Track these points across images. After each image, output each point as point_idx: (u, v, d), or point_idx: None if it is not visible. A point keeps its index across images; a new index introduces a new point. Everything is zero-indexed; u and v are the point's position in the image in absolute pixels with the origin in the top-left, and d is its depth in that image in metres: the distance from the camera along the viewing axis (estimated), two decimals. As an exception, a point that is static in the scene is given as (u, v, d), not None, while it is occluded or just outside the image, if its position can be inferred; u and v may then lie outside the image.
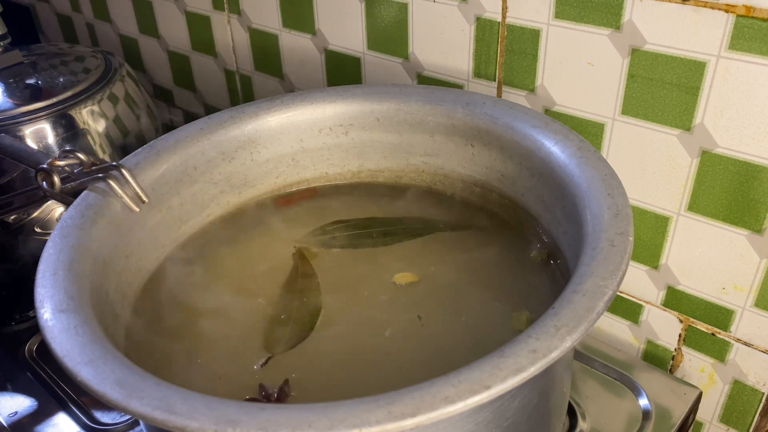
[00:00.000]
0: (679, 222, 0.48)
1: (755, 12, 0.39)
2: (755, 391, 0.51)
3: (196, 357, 0.39)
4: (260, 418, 0.26)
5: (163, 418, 0.26)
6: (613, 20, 0.45)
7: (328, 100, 0.50)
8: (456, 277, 0.44)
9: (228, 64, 0.75)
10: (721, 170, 0.45)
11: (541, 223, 0.44)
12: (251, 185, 0.51)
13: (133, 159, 0.44)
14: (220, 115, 0.49)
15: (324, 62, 0.64)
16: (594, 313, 0.30)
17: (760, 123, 0.42)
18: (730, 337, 0.50)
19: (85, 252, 0.37)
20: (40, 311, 0.32)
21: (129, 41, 0.86)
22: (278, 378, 0.37)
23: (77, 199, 0.40)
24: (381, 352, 0.39)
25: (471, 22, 0.51)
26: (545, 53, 0.49)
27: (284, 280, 0.44)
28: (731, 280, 0.48)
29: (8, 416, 0.51)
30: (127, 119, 0.69)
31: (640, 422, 0.48)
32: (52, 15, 0.97)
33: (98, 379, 0.28)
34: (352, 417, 0.26)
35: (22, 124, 0.61)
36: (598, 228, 0.34)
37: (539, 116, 0.44)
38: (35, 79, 0.68)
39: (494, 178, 0.47)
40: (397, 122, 0.49)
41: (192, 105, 0.84)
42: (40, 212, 0.62)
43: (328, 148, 0.51)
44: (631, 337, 0.56)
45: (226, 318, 0.42)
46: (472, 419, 0.31)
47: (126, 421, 0.50)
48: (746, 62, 0.41)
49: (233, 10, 0.69)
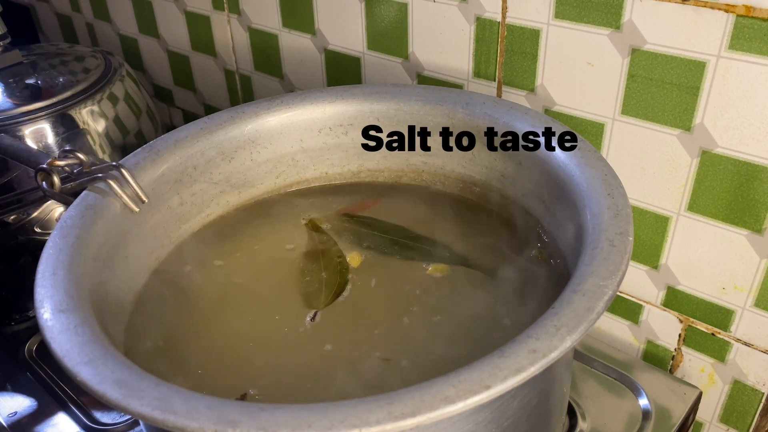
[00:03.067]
0: (679, 222, 0.48)
1: (755, 12, 0.39)
2: (755, 391, 0.51)
3: (206, 354, 0.39)
4: (260, 418, 0.26)
5: (163, 418, 0.26)
6: (613, 20, 0.45)
7: (328, 100, 0.50)
8: (455, 277, 0.44)
9: (228, 64, 0.75)
10: (721, 170, 0.45)
11: (541, 223, 0.44)
12: (251, 185, 0.51)
13: (133, 159, 0.44)
14: (219, 115, 0.49)
15: (324, 62, 0.64)
16: (594, 313, 0.30)
17: (760, 123, 0.42)
18: (730, 337, 0.50)
19: (85, 252, 0.37)
20: (40, 311, 0.32)
21: (129, 41, 0.86)
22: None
23: (77, 199, 0.40)
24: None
25: (471, 22, 0.51)
26: (545, 53, 0.49)
27: (303, 252, 0.46)
28: (731, 280, 0.48)
29: (8, 416, 0.51)
30: (126, 119, 0.69)
31: (640, 422, 0.48)
32: (51, 15, 0.97)
33: (98, 379, 0.28)
34: (352, 417, 0.26)
35: (22, 124, 0.61)
36: (598, 228, 0.34)
37: (539, 116, 0.44)
38: (35, 79, 0.68)
39: (494, 178, 0.47)
40: (397, 122, 0.49)
41: (192, 105, 0.84)
42: (40, 212, 0.62)
43: (328, 148, 0.51)
44: (631, 337, 0.56)
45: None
46: (472, 419, 0.31)
47: (126, 421, 0.50)
48: (746, 62, 0.41)
49: (233, 9, 0.69)
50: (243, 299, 0.43)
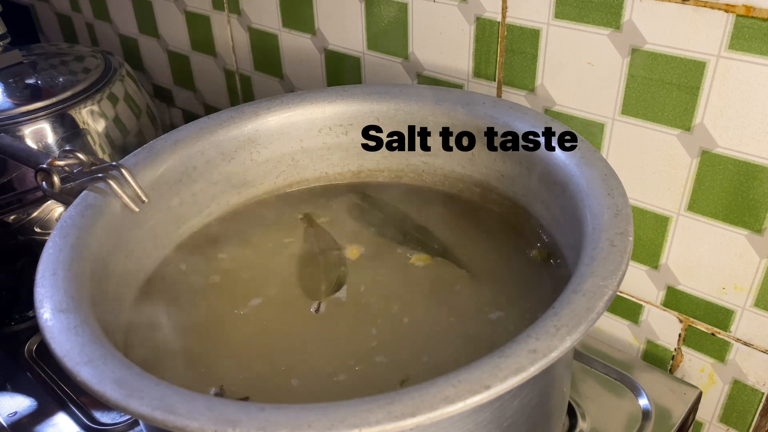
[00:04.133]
0: (679, 222, 0.48)
1: (755, 12, 0.39)
2: (755, 391, 0.51)
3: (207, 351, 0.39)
4: (260, 418, 0.26)
5: (163, 418, 0.26)
6: (613, 20, 0.45)
7: (328, 100, 0.50)
8: (455, 276, 0.44)
9: (228, 63, 0.75)
10: (721, 170, 0.45)
11: (541, 223, 0.44)
12: (251, 185, 0.51)
13: (133, 159, 0.44)
14: (219, 115, 0.49)
15: (324, 62, 0.64)
16: (594, 313, 0.30)
17: (760, 123, 0.42)
18: (730, 337, 0.50)
19: (84, 252, 0.37)
20: (40, 311, 0.32)
21: (129, 41, 0.86)
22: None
23: (77, 199, 0.40)
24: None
25: (471, 21, 0.51)
26: (545, 53, 0.49)
27: (301, 246, 0.47)
28: (731, 280, 0.48)
29: (8, 416, 0.51)
30: (126, 119, 0.69)
31: (640, 422, 0.48)
32: (51, 15, 0.97)
33: (98, 379, 0.28)
34: (352, 417, 0.26)
35: (22, 124, 0.61)
36: (598, 228, 0.34)
37: (539, 116, 0.44)
38: (35, 78, 0.68)
39: (494, 178, 0.47)
40: (397, 122, 0.49)
41: (192, 105, 0.84)
42: (39, 212, 0.62)
43: (328, 148, 0.51)
44: (631, 337, 0.56)
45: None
46: (472, 419, 0.31)
47: (126, 421, 0.50)
48: (746, 62, 0.41)
49: (233, 9, 0.69)
50: (244, 295, 0.43)
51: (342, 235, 0.48)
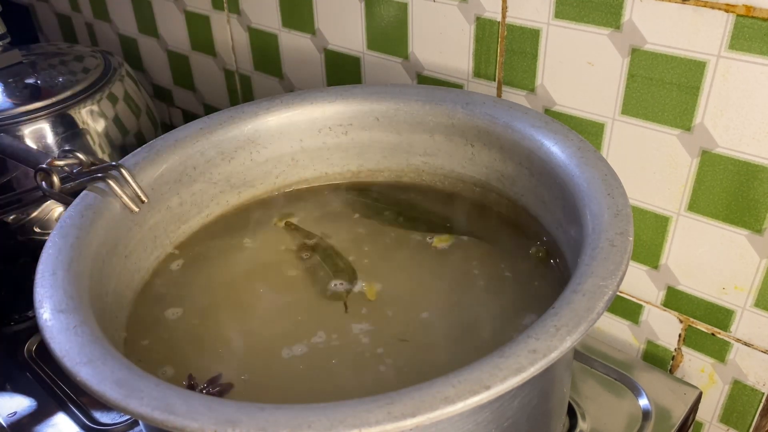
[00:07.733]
0: (679, 222, 0.48)
1: (755, 12, 0.39)
2: (755, 391, 0.51)
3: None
4: (260, 418, 0.26)
5: (163, 418, 0.26)
6: (613, 20, 0.44)
7: (328, 100, 0.50)
8: (454, 275, 0.44)
9: (227, 63, 0.75)
10: (721, 170, 0.45)
11: (541, 223, 0.44)
12: (251, 185, 0.51)
13: (133, 159, 0.44)
14: (219, 114, 0.49)
15: (324, 62, 0.64)
16: (594, 313, 0.30)
17: (760, 123, 0.42)
18: (730, 337, 0.50)
19: (84, 252, 0.37)
20: (39, 311, 0.32)
21: (128, 41, 0.86)
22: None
23: (76, 199, 0.40)
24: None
25: (471, 21, 0.51)
26: (545, 53, 0.49)
27: (293, 254, 0.47)
28: (731, 280, 0.48)
29: (7, 416, 0.51)
30: (126, 119, 0.69)
31: (640, 422, 0.48)
32: (51, 14, 0.97)
33: (97, 379, 0.28)
34: (352, 417, 0.25)
35: (22, 124, 0.61)
36: (598, 228, 0.34)
37: (539, 116, 0.44)
38: (34, 78, 0.68)
39: (494, 178, 0.47)
40: (397, 122, 0.49)
41: (191, 105, 0.84)
42: (39, 212, 0.62)
43: (328, 148, 0.51)
44: (631, 337, 0.56)
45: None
46: (472, 419, 0.31)
47: (125, 421, 0.50)
48: (746, 62, 0.41)
49: (233, 9, 0.69)
50: (244, 295, 0.43)
51: (342, 235, 0.48)
